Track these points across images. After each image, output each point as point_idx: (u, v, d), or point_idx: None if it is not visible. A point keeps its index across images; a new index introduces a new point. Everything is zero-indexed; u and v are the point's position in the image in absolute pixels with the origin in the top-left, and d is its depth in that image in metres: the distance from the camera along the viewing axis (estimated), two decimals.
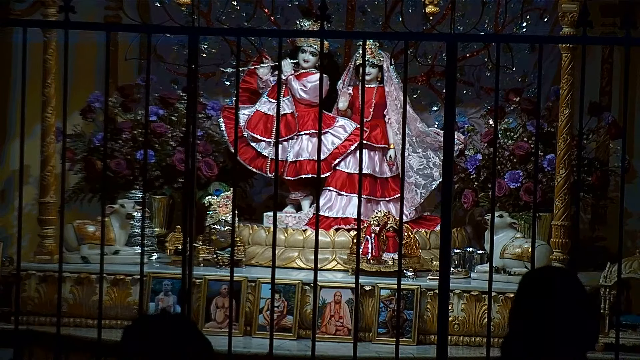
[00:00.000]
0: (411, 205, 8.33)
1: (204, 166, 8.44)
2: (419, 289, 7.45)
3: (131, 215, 8.01)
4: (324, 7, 5.20)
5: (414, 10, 8.47)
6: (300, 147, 8.39)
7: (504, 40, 7.20)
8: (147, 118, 5.70)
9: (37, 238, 7.88)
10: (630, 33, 5.23)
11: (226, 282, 7.37)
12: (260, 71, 8.51)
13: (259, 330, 7.43)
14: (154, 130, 8.41)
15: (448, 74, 5.31)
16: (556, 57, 8.25)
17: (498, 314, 7.38)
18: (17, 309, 6.01)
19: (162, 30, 5.73)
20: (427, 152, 8.38)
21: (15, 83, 8.79)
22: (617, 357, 5.55)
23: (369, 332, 7.46)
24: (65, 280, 7.52)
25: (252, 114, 8.44)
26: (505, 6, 8.24)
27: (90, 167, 8.44)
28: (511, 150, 8.17)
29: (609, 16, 8.72)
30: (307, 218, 8.34)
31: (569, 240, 7.41)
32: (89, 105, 8.62)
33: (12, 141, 8.90)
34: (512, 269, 7.61)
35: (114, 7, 8.89)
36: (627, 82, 5.42)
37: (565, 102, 7.43)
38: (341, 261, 7.99)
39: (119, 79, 8.94)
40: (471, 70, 8.78)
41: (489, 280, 5.53)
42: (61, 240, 5.75)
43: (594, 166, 8.25)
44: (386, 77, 8.43)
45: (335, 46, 8.87)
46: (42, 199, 7.82)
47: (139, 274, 5.81)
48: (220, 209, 8.03)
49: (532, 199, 6.66)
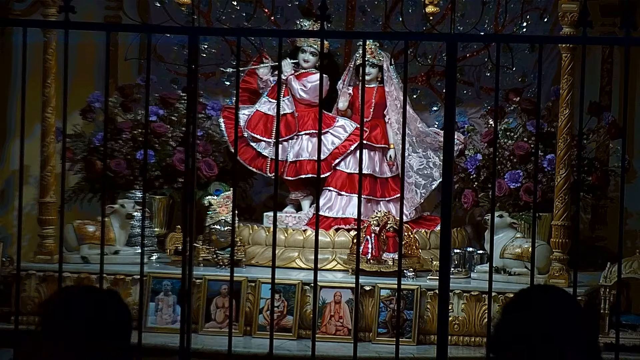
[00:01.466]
0: (411, 205, 8.33)
1: (204, 166, 8.44)
2: (419, 289, 7.45)
3: (131, 215, 8.01)
4: (324, 7, 5.20)
5: (414, 10, 8.47)
6: (300, 147, 8.39)
7: (504, 40, 7.20)
8: (147, 118, 5.70)
9: (37, 238, 7.88)
10: (630, 33, 5.23)
11: (226, 282, 7.37)
12: (260, 71, 8.51)
13: (259, 330, 7.43)
14: (154, 130, 8.41)
15: (448, 74, 5.31)
16: (556, 57, 8.25)
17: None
18: (17, 309, 6.00)
19: (162, 30, 5.72)
20: (427, 152, 8.38)
21: (15, 83, 8.79)
22: (617, 357, 5.54)
23: (369, 332, 7.46)
24: (65, 280, 7.50)
25: (252, 114, 8.44)
26: (505, 6, 8.24)
27: (90, 167, 8.44)
28: (511, 150, 8.17)
29: (609, 16, 8.72)
30: (307, 218, 8.34)
31: (569, 240, 7.41)
32: (89, 105, 8.63)
33: (12, 141, 8.90)
34: (512, 269, 7.61)
35: (114, 7, 8.90)
36: (627, 82, 5.42)
37: (565, 102, 7.43)
38: (341, 261, 7.99)
39: (119, 79, 8.94)
40: (471, 70, 8.78)
41: (489, 280, 5.53)
42: (61, 240, 5.74)
43: (594, 166, 8.26)
44: (386, 77, 8.43)
45: (335, 46, 8.87)
46: (42, 199, 7.82)
47: (139, 274, 5.81)
48: (220, 209, 8.03)
49: (532, 199, 6.65)
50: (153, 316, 7.52)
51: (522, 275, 7.45)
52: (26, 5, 8.52)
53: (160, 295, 7.56)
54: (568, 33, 7.41)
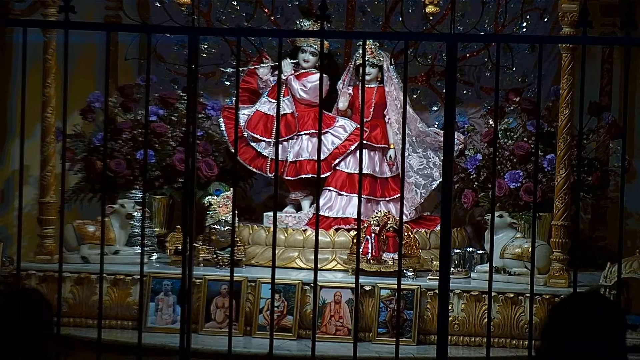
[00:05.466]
0: (411, 205, 8.33)
1: (204, 166, 8.44)
2: (419, 289, 7.45)
3: (131, 215, 8.01)
4: (324, 7, 5.20)
5: (414, 10, 8.47)
6: (300, 147, 8.39)
7: (504, 40, 7.20)
8: (147, 118, 5.70)
9: (37, 238, 7.88)
10: (630, 33, 5.23)
11: (226, 282, 7.37)
12: (260, 71, 8.51)
13: (259, 330, 7.43)
14: (154, 130, 8.41)
15: (448, 74, 5.31)
16: (556, 57, 8.25)
17: (498, 314, 7.39)
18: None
19: (162, 30, 5.72)
20: (427, 152, 8.38)
21: (15, 83, 8.79)
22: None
23: (369, 332, 7.46)
24: (65, 280, 7.52)
25: (252, 114, 8.44)
26: (505, 6, 8.24)
27: (90, 167, 8.44)
28: (511, 150, 8.17)
29: (609, 16, 8.72)
30: (307, 218, 8.34)
31: (569, 240, 7.41)
32: (89, 105, 8.63)
33: (12, 141, 8.90)
34: (512, 269, 7.61)
35: (114, 7, 8.90)
36: (627, 82, 5.42)
37: (565, 102, 7.43)
38: (341, 261, 7.99)
39: (119, 79, 8.94)
40: (471, 70, 8.79)
41: (489, 280, 5.53)
42: (61, 240, 5.74)
43: (594, 166, 8.25)
44: (386, 77, 8.43)
45: (335, 46, 8.87)
46: (42, 199, 7.82)
47: (139, 274, 5.81)
48: (220, 209, 8.03)
49: (532, 199, 6.66)
50: (153, 316, 7.52)
51: (522, 275, 7.45)
52: (26, 5, 8.52)
53: (160, 295, 7.56)
54: (568, 33, 7.41)
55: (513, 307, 7.40)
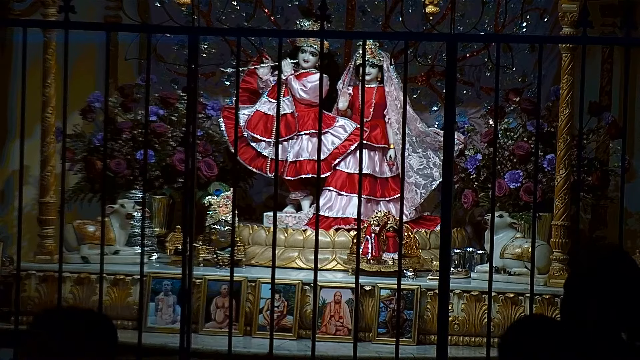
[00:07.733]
0: (411, 205, 8.33)
1: (204, 166, 8.44)
2: (419, 289, 7.45)
3: (131, 215, 8.01)
4: (324, 7, 5.20)
5: (414, 10, 8.47)
6: (300, 147, 8.40)
7: (504, 40, 7.20)
8: (147, 118, 5.69)
9: (37, 238, 7.88)
10: (630, 33, 5.23)
11: (226, 282, 7.37)
12: (260, 71, 8.51)
13: (259, 330, 7.43)
14: (154, 130, 8.41)
15: (448, 74, 5.31)
16: (556, 57, 8.25)
17: (498, 314, 7.39)
18: (17, 309, 6.00)
19: (162, 30, 5.72)
20: (427, 152, 8.38)
21: (15, 83, 8.79)
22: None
23: (369, 332, 7.46)
24: (65, 280, 7.52)
25: (252, 114, 8.45)
26: (505, 6, 8.25)
27: (90, 167, 8.44)
28: (511, 150, 8.17)
29: (609, 16, 8.73)
30: (307, 218, 8.34)
31: (569, 240, 7.41)
32: (89, 105, 8.63)
33: (12, 141, 8.90)
34: (512, 269, 7.61)
35: (114, 7, 8.90)
36: (627, 82, 5.42)
37: (565, 102, 7.43)
38: (341, 261, 7.99)
39: (119, 79, 8.94)
40: (471, 70, 8.79)
41: (489, 280, 5.53)
42: (61, 240, 5.74)
43: (594, 166, 8.25)
44: (386, 77, 8.43)
45: (335, 46, 8.87)
46: (42, 199, 7.82)
47: (139, 274, 5.80)
48: (220, 209, 8.03)
49: (532, 199, 6.65)
50: (153, 316, 7.52)
51: (522, 275, 7.45)
52: (26, 5, 8.51)
53: (160, 295, 7.56)
54: (568, 33, 7.41)
55: (513, 307, 7.40)
